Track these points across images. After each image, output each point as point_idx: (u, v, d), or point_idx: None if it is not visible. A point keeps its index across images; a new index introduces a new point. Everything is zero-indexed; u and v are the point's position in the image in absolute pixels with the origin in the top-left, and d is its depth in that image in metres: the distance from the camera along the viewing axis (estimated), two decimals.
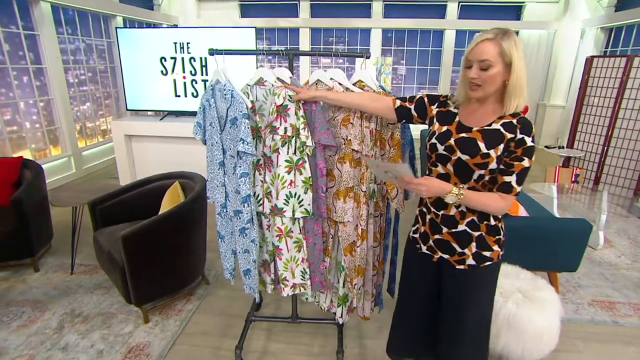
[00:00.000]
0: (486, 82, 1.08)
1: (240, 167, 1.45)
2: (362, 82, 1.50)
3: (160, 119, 3.86)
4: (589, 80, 4.30)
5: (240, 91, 1.44)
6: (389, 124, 1.50)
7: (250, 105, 1.40)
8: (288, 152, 1.45)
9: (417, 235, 1.33)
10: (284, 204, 1.52)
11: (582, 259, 2.12)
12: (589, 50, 5.26)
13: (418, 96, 1.28)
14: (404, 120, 1.31)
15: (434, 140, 1.18)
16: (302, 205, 1.50)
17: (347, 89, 1.47)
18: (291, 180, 1.50)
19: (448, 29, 6.27)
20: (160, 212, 2.16)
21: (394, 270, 1.78)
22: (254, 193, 1.58)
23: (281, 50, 1.54)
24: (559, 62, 5.80)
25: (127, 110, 4.01)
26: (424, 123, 1.29)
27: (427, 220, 1.27)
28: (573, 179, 4.01)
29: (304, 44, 6.49)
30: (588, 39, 5.36)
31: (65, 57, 4.37)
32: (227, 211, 1.62)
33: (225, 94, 1.43)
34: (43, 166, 2.71)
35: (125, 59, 3.74)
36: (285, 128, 1.46)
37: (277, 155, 1.49)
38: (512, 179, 1.10)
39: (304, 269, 1.62)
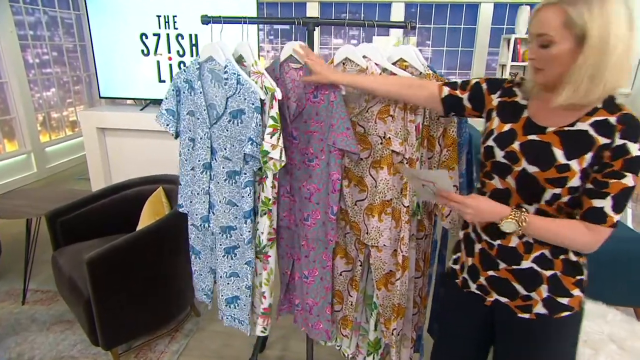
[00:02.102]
0: (548, 64, 0.90)
1: (245, 174, 1.33)
2: (405, 61, 1.35)
3: (141, 109, 3.76)
4: None
5: (247, 76, 1.27)
6: (440, 116, 1.32)
7: (264, 96, 1.25)
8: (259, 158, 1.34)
9: (457, 267, 1.19)
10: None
11: None
12: None
13: (473, 81, 1.11)
14: (452, 113, 1.17)
15: (490, 143, 1.02)
16: (257, 230, 1.41)
17: (384, 70, 1.30)
18: (259, 194, 1.39)
19: (484, 2, 6.08)
20: (139, 227, 2.05)
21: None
22: None
23: (298, 18, 1.37)
24: None
25: (100, 98, 3.92)
26: (479, 117, 1.13)
27: (477, 250, 1.11)
28: None
29: None
30: None
31: (23, 32, 4.26)
32: (209, 226, 1.51)
33: (227, 78, 1.28)
34: None
35: (98, 35, 3.63)
36: None
37: None
38: (606, 204, 0.91)
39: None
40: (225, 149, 1.35)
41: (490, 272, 1.08)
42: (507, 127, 1.01)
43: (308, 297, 1.50)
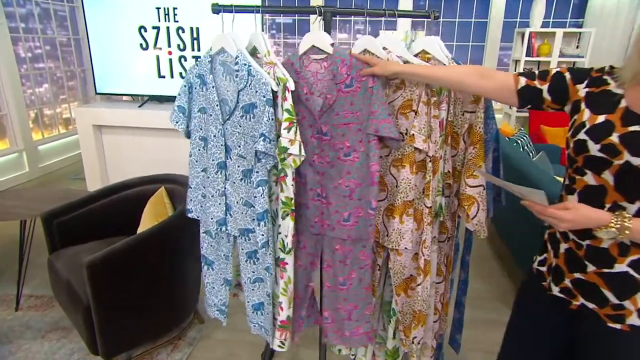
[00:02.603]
0: None
1: (257, 172, 1.30)
2: (428, 53, 1.32)
3: (140, 106, 3.74)
4: None
5: (259, 66, 1.24)
6: (466, 111, 1.30)
7: (276, 87, 1.22)
8: (276, 155, 1.31)
9: (544, 269, 1.14)
10: (271, 222, 1.42)
11: None
12: None
13: (554, 71, 1.06)
14: (529, 106, 1.11)
15: (582, 136, 0.97)
16: (279, 234, 1.38)
17: (406, 62, 1.27)
18: (277, 194, 1.36)
19: None
20: (140, 229, 2.02)
21: (461, 316, 1.59)
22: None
23: (317, 7, 1.34)
24: None
25: (97, 94, 3.92)
26: (560, 110, 1.09)
27: (563, 250, 1.06)
28: None
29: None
30: None
31: (14, 24, 4.23)
32: (226, 229, 1.47)
33: (237, 70, 1.25)
34: None
35: (94, 28, 3.61)
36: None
37: None
38: None
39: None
40: (239, 147, 1.31)
41: (577, 275, 1.04)
42: (601, 118, 0.97)
43: (346, 303, 1.45)
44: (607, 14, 5.51)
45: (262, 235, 1.33)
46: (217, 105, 1.32)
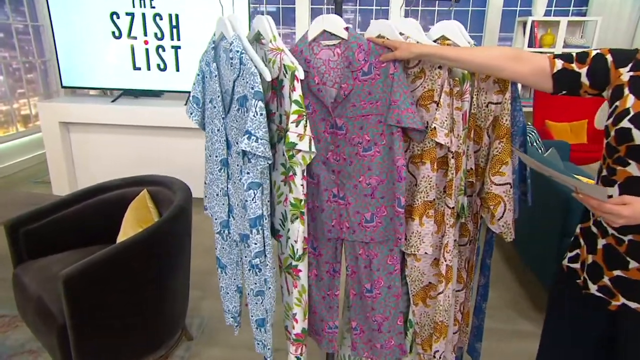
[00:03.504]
0: None
1: (248, 173, 1.23)
2: (448, 39, 1.31)
3: (113, 101, 3.70)
4: None
5: (254, 52, 1.20)
6: (490, 103, 1.29)
7: (269, 77, 1.18)
8: (284, 152, 1.26)
9: (577, 266, 1.15)
10: (280, 225, 1.38)
11: None
12: None
13: (594, 52, 1.05)
14: (564, 91, 1.10)
15: (626, 124, 0.97)
16: (289, 239, 1.34)
17: None
18: (286, 195, 1.32)
19: None
20: (120, 237, 1.97)
21: (481, 323, 1.58)
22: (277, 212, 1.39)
23: None
24: None
25: (62, 87, 3.85)
26: (597, 95, 1.08)
27: (600, 247, 1.07)
28: None
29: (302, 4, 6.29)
30: None
31: None
32: (229, 233, 1.45)
33: (231, 58, 1.20)
34: None
35: (58, 14, 3.54)
36: (281, 116, 1.27)
37: (274, 153, 1.32)
38: None
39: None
40: (237, 143, 1.27)
41: (617, 272, 1.05)
42: None
43: (375, 313, 1.41)
44: (611, 2, 5.63)
45: (255, 244, 1.28)
46: (219, 97, 1.28)
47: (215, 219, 1.45)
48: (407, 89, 1.20)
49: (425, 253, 1.33)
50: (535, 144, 3.18)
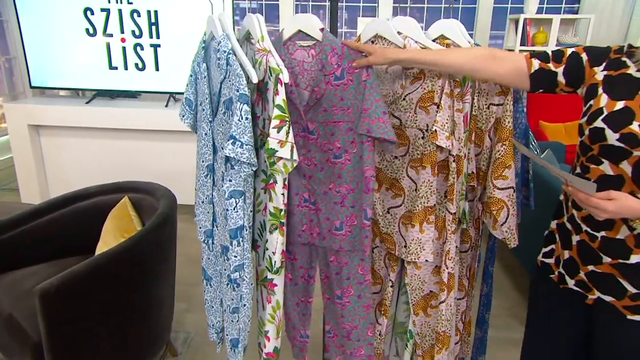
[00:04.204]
0: None
1: (230, 180, 1.22)
2: (447, 38, 1.34)
3: (87, 102, 3.66)
4: None
5: (242, 53, 1.20)
6: (491, 104, 1.32)
7: (256, 79, 1.18)
8: (265, 159, 1.26)
9: (551, 261, 1.22)
10: (258, 235, 1.40)
11: None
12: None
13: (569, 52, 1.10)
14: (541, 90, 1.15)
15: (599, 124, 1.02)
16: (267, 250, 1.33)
17: (424, 48, 1.28)
18: (265, 204, 1.32)
19: None
20: (99, 248, 1.93)
21: (484, 334, 1.60)
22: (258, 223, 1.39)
23: None
24: None
25: (31, 88, 3.79)
26: (572, 92, 1.13)
27: (575, 242, 1.14)
28: None
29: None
30: None
31: None
32: (214, 243, 1.44)
33: (219, 58, 1.20)
34: None
35: (25, 9, 3.48)
36: (264, 120, 1.28)
37: (257, 160, 1.33)
38: None
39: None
40: (222, 149, 1.26)
41: (591, 267, 1.11)
42: (620, 104, 1.01)
43: (344, 320, 1.46)
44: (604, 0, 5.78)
45: (235, 256, 1.26)
46: (207, 99, 1.27)
47: (200, 228, 1.44)
48: (380, 97, 1.22)
49: (426, 261, 1.35)
50: (531, 145, 3.24)
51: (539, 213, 1.49)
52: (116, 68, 3.48)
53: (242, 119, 1.14)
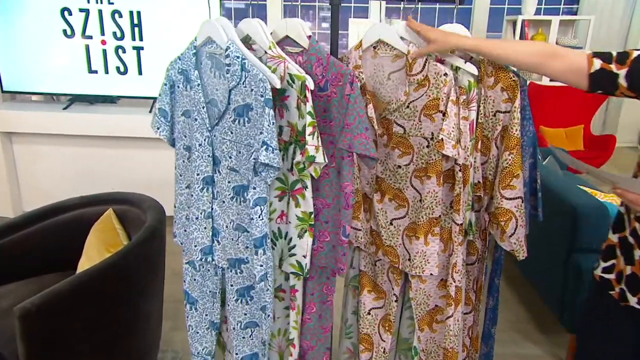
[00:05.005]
0: None
1: (255, 188, 1.28)
2: None
3: (65, 108, 3.64)
4: None
5: (256, 59, 1.24)
6: (498, 111, 1.34)
7: (279, 84, 1.22)
8: (292, 166, 1.33)
9: (612, 277, 1.21)
10: (272, 244, 1.43)
11: None
12: None
13: (636, 54, 1.11)
14: (599, 91, 1.17)
15: None
16: (293, 255, 1.38)
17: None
18: (282, 211, 1.37)
19: None
20: (81, 264, 1.92)
21: (490, 350, 1.62)
22: None
23: None
24: None
25: (3, 92, 3.74)
26: (635, 97, 1.15)
27: (637, 258, 1.14)
28: None
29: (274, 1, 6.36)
30: None
31: None
32: (213, 260, 1.45)
33: (229, 65, 1.24)
34: None
35: None
36: (281, 127, 1.32)
37: None
38: None
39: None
40: (230, 158, 1.30)
41: None
42: None
43: (302, 337, 1.48)
44: (603, 0, 5.93)
45: (261, 265, 1.31)
46: (203, 108, 1.29)
47: (195, 246, 1.44)
48: (363, 112, 1.25)
49: (431, 274, 1.38)
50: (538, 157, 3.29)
51: (544, 223, 1.52)
52: (96, 72, 3.47)
53: (270, 124, 1.20)
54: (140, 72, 3.44)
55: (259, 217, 1.29)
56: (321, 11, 6.46)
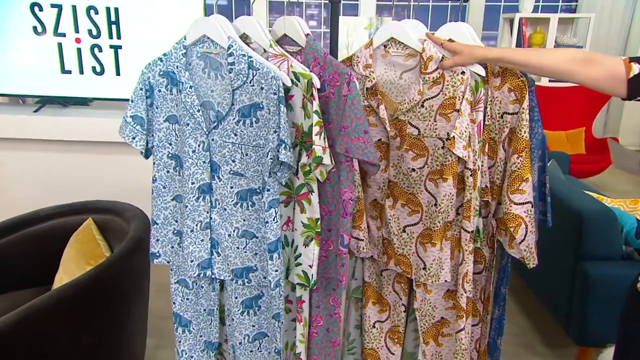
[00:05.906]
0: None
1: (268, 190, 1.29)
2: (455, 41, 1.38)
3: (35, 111, 3.61)
4: None
5: (262, 57, 1.27)
6: (505, 113, 1.38)
7: (289, 82, 1.25)
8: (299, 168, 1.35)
9: None
10: None
11: None
12: None
13: None
14: (638, 98, 1.19)
15: None
16: (299, 265, 1.39)
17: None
18: (288, 217, 1.39)
19: None
20: (58, 278, 1.91)
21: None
22: None
23: None
24: None
25: None
26: None
27: None
28: None
29: None
30: None
31: None
32: (212, 273, 1.44)
33: (232, 64, 1.26)
34: None
35: None
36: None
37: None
38: None
39: None
40: (234, 162, 1.31)
41: None
42: None
43: (310, 352, 1.49)
44: None
45: (276, 270, 1.33)
46: (197, 111, 1.30)
47: (191, 261, 1.44)
48: (362, 115, 1.26)
49: (445, 281, 1.40)
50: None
51: (547, 230, 1.55)
52: (69, 72, 3.44)
53: (285, 122, 1.22)
54: (118, 73, 3.42)
55: (274, 219, 1.30)
56: (308, 8, 6.50)
